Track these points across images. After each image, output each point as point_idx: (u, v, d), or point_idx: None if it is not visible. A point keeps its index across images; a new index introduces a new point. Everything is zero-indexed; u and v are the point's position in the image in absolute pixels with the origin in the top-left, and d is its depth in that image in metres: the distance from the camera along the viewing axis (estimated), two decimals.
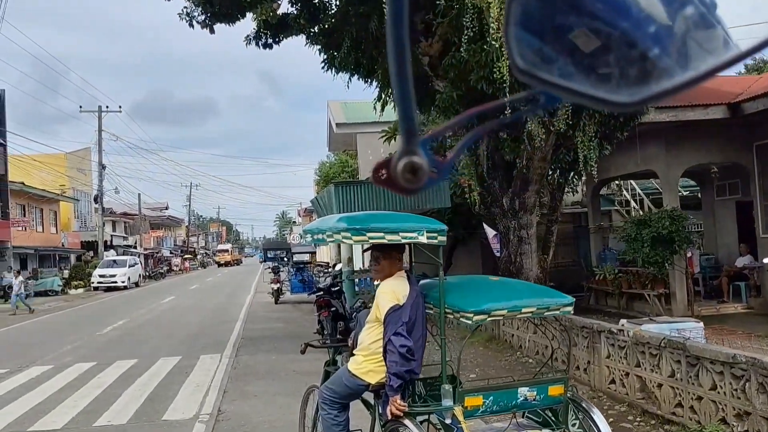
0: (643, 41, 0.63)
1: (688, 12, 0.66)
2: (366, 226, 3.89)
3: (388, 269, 4.08)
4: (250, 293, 27.48)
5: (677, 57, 0.64)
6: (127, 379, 9.61)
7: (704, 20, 0.67)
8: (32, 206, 38.06)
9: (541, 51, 0.65)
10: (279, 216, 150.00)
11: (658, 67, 0.63)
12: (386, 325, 3.82)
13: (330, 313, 11.20)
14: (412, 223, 4.05)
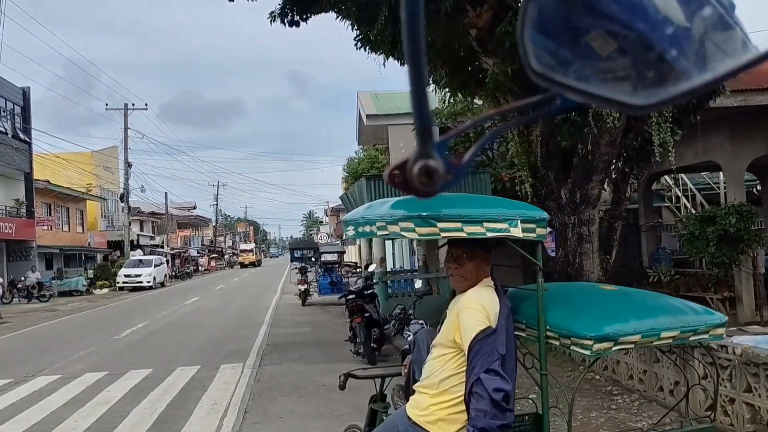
0: (660, 43, 0.63)
1: (705, 13, 0.66)
2: (436, 212, 2.71)
3: (474, 275, 2.88)
4: (277, 294, 26.50)
5: (695, 59, 0.64)
6: (138, 394, 8.56)
7: (722, 21, 0.67)
8: (58, 205, 37.63)
9: (557, 53, 0.64)
10: (306, 216, 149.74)
11: (676, 69, 0.62)
12: (473, 357, 2.63)
13: (363, 319, 10.09)
14: (501, 209, 2.86)
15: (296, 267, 23.48)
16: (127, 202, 41.26)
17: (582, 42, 0.64)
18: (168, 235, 56.41)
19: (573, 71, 0.63)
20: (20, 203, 31.60)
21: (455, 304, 2.88)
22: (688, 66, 0.62)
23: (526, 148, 9.74)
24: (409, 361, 3.43)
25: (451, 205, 2.79)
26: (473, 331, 2.66)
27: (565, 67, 0.63)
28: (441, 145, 0.62)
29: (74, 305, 25.83)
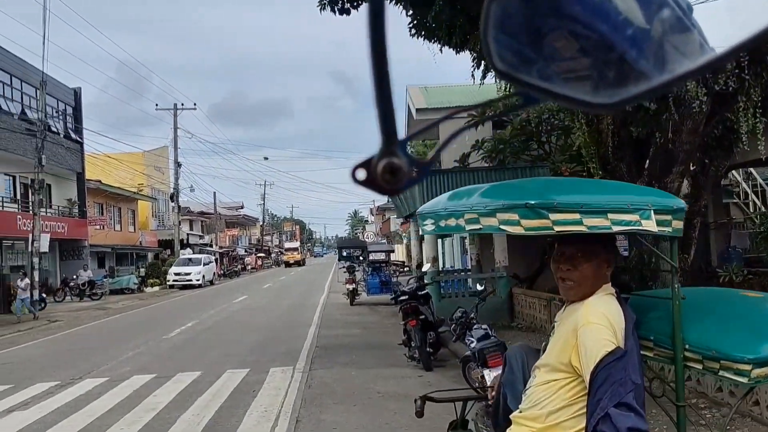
0: (620, 44, 0.64)
1: (664, 15, 0.67)
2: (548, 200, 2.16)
3: (591, 280, 2.31)
4: (324, 293, 26.19)
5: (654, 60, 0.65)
6: (186, 399, 8.21)
7: (681, 24, 0.69)
8: (110, 205, 38.21)
9: (521, 53, 0.64)
10: (351, 215, 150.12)
11: (636, 69, 0.63)
12: (599, 386, 2.06)
13: (419, 322, 9.54)
14: (630, 196, 2.27)
15: (344, 266, 23.11)
16: (177, 202, 41.68)
17: (545, 42, 0.65)
18: (216, 234, 56.97)
19: (536, 70, 0.64)
20: (72, 203, 32.12)
21: (569, 317, 2.31)
22: (647, 67, 0.64)
23: (595, 138, 9.03)
24: (498, 383, 2.87)
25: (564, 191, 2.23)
26: (598, 354, 2.09)
27: (529, 66, 0.64)
28: (404, 143, 0.63)
29: (125, 303, 26.03)
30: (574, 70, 0.65)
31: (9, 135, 24.34)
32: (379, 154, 0.62)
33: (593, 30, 0.63)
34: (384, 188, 0.63)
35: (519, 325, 13.27)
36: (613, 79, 0.64)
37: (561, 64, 0.65)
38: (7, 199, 27.02)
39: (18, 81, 27.20)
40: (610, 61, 0.64)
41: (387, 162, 0.62)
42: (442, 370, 9.51)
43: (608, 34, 0.63)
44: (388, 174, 0.62)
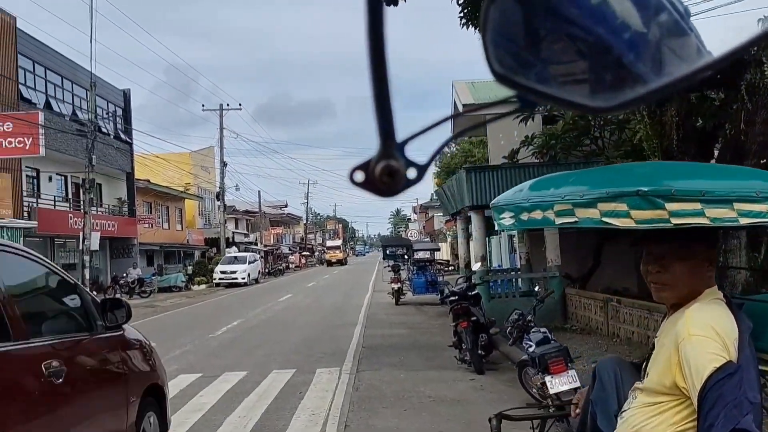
0: (618, 47, 0.64)
1: (662, 19, 0.68)
2: (663, 187, 1.80)
3: (687, 283, 1.93)
4: (368, 292, 25.99)
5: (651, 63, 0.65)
6: (232, 400, 8.05)
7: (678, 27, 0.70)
8: (158, 204, 38.83)
9: (519, 56, 0.64)
10: (393, 213, 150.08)
11: (633, 72, 0.64)
12: (709, 408, 1.71)
13: (470, 323, 9.18)
14: (757, 182, 1.89)
15: (388, 265, 22.84)
16: (222, 201, 42.13)
17: (543, 45, 0.65)
18: (261, 233, 57.48)
19: (534, 73, 0.64)
20: (122, 202, 32.71)
21: (669, 329, 1.95)
22: (644, 70, 0.64)
23: (658, 130, 8.53)
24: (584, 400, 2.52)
25: (681, 176, 1.87)
26: (705, 371, 1.74)
27: (526, 70, 0.64)
28: (403, 145, 0.63)
29: (173, 301, 26.33)
30: (572, 73, 0.66)
31: (61, 136, 24.83)
32: (377, 156, 0.62)
33: (591, 33, 0.64)
34: (382, 190, 0.64)
35: (573, 327, 12.77)
36: (610, 83, 0.64)
37: (559, 67, 0.65)
38: (59, 198, 27.64)
39: (69, 83, 27.78)
40: (608, 65, 0.64)
41: (385, 164, 0.62)
42: (494, 373, 9.15)
43: (606, 38, 0.64)
44: (386, 176, 0.62)
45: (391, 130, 0.62)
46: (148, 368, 5.24)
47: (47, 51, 26.23)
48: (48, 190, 26.62)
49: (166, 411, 5.54)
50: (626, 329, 10.82)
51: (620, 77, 0.64)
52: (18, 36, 23.38)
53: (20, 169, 22.66)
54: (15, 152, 19.60)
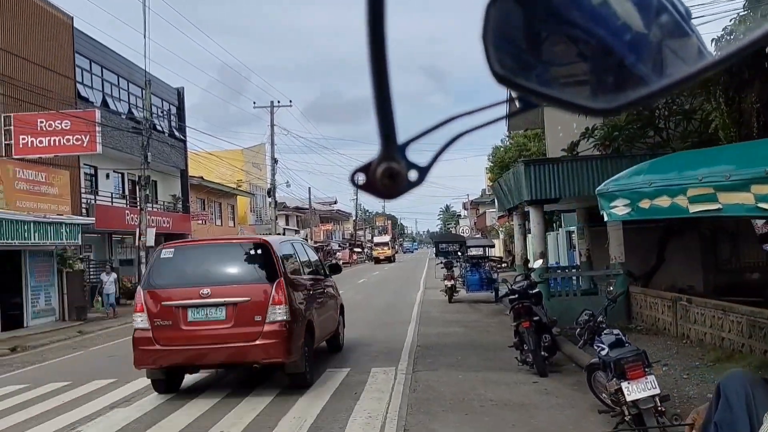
0: (619, 49, 0.64)
1: (663, 20, 0.68)
2: None
3: None
4: (420, 289, 25.64)
5: (653, 64, 0.65)
6: (287, 399, 7.83)
7: (679, 29, 0.69)
8: (211, 200, 39.34)
9: (520, 57, 0.65)
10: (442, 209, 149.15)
11: (635, 74, 0.64)
12: None
13: (532, 323, 8.74)
14: None
15: (441, 261, 22.43)
16: (273, 197, 42.40)
17: (544, 47, 0.65)
18: (311, 229, 57.77)
19: (535, 75, 0.64)
20: (177, 199, 33.21)
21: None
22: (646, 71, 0.64)
23: (736, 118, 7.94)
24: (700, 420, 2.13)
25: None
26: None
27: (528, 71, 0.64)
28: (404, 147, 0.63)
29: None
30: (573, 74, 0.65)
31: (117, 133, 25.29)
32: (378, 158, 0.63)
33: (592, 35, 0.63)
34: (383, 193, 0.64)
35: (638, 327, 12.17)
36: (611, 84, 0.64)
37: (560, 68, 0.65)
38: (116, 195, 28.20)
39: (125, 81, 28.28)
40: (609, 66, 0.64)
41: (386, 166, 0.62)
42: (558, 376, 8.70)
43: (607, 39, 0.63)
44: (387, 179, 0.62)
45: (393, 132, 0.62)
46: (339, 296, 11.74)
47: (103, 50, 26.75)
48: (105, 187, 27.18)
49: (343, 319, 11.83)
50: (698, 330, 10.20)
51: (622, 79, 0.64)
52: (75, 35, 23.88)
53: (78, 167, 23.15)
54: (73, 150, 19.97)
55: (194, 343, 7.96)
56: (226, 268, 8.47)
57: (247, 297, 8.01)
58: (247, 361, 8.10)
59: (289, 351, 7.92)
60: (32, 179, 17.50)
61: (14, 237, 16.07)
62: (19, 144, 19.19)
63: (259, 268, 8.31)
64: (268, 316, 7.85)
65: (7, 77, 18.75)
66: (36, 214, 17.11)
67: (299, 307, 8.48)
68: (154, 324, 8.04)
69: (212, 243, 10.34)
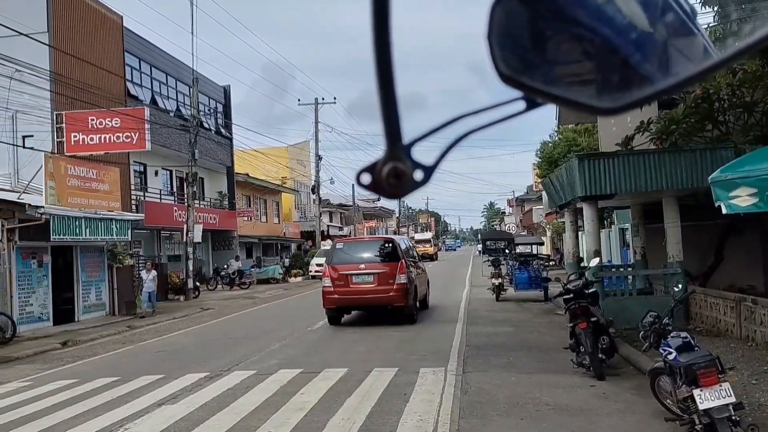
0: (624, 48, 0.64)
1: (668, 19, 0.68)
2: None
3: None
4: (465, 287, 25.26)
5: (658, 63, 0.65)
6: (335, 399, 7.65)
7: (684, 27, 0.69)
8: (256, 197, 39.66)
9: (525, 57, 0.64)
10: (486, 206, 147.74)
11: (640, 73, 0.64)
12: None
13: (589, 324, 8.37)
14: None
15: (488, 259, 22.01)
16: (318, 194, 42.50)
17: (548, 46, 0.65)
18: (355, 226, 57.78)
19: (540, 75, 0.64)
20: (223, 195, 33.55)
21: None
22: (651, 70, 0.64)
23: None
24: None
25: None
26: None
27: (533, 71, 0.64)
28: (410, 147, 0.63)
29: (271, 293, 26.65)
30: (578, 74, 0.65)
31: (166, 131, 25.62)
32: (384, 158, 0.63)
33: (597, 34, 0.63)
34: (389, 192, 0.64)
35: (697, 328, 11.62)
36: (617, 83, 0.64)
37: (565, 68, 0.65)
38: (165, 192, 28.61)
39: (173, 80, 28.65)
40: (614, 65, 0.63)
41: (392, 166, 0.62)
42: (616, 379, 8.31)
43: (612, 38, 0.63)
44: (393, 178, 0.63)
45: (398, 132, 0.62)
46: (426, 274, 17.47)
47: (152, 49, 27.14)
48: (154, 184, 27.60)
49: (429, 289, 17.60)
50: (764, 333, 9.64)
51: (627, 78, 0.63)
52: (125, 35, 24.26)
53: (128, 164, 23.52)
54: (123, 147, 20.27)
55: (355, 295, 14.20)
56: (373, 254, 14.74)
57: (385, 269, 14.08)
58: (383, 305, 14.00)
59: (407, 300, 13.95)
60: (83, 176, 17.79)
61: (66, 233, 16.35)
62: (71, 141, 19.56)
63: (390, 254, 14.52)
64: (396, 281, 13.85)
65: (60, 75, 19.12)
66: (87, 211, 17.38)
67: (411, 277, 14.49)
68: (334, 284, 14.15)
69: (364, 240, 19.07)
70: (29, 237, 15.91)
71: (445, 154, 0.68)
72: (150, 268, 19.65)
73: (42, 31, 19.30)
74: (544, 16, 0.65)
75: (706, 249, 14.69)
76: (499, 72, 0.62)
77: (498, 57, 0.62)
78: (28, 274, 16.25)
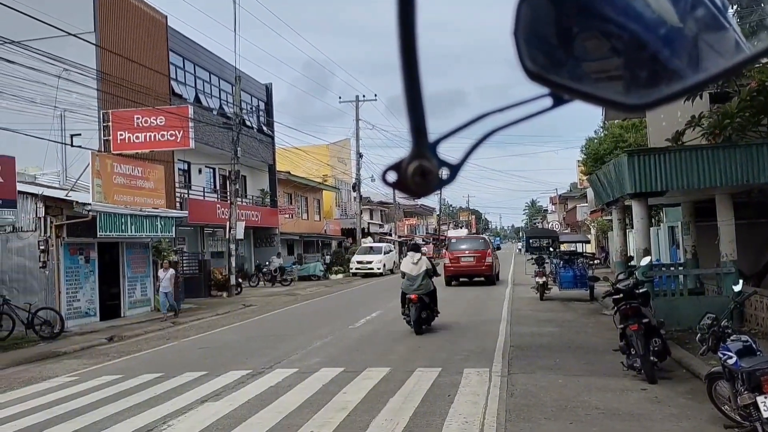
0: (653, 43, 0.63)
1: (698, 14, 0.66)
2: None
3: None
4: (508, 286, 24.90)
5: (688, 59, 0.64)
6: (377, 399, 7.53)
7: (716, 22, 0.67)
8: (298, 195, 39.89)
9: (551, 53, 0.64)
10: (528, 204, 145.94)
11: (669, 68, 0.63)
12: None
13: (641, 326, 8.06)
14: None
15: (532, 257, 21.62)
16: (358, 192, 42.50)
17: (575, 42, 0.64)
18: (395, 224, 57.67)
19: (567, 71, 0.64)
20: (265, 193, 33.80)
21: None
22: (681, 66, 0.63)
23: None
24: None
25: None
26: None
27: (559, 67, 0.63)
28: (435, 145, 0.63)
29: (312, 290, 26.72)
30: (606, 70, 0.64)
31: (210, 129, 25.89)
32: (410, 156, 0.62)
33: (624, 30, 0.62)
34: (414, 191, 0.63)
35: (752, 330, 11.12)
36: (645, 79, 0.63)
37: (592, 64, 0.64)
38: (208, 190, 28.95)
39: (216, 78, 28.95)
40: (642, 61, 0.63)
41: (418, 164, 0.62)
42: (669, 383, 7.98)
43: (640, 34, 0.62)
44: (419, 176, 0.62)
45: (424, 129, 0.61)
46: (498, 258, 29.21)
47: (196, 48, 27.46)
48: (198, 181, 27.95)
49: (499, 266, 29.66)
50: None
51: (656, 73, 0.62)
52: (169, 34, 24.59)
53: (173, 162, 23.84)
54: (167, 145, 20.52)
55: (463, 268, 25.35)
56: (472, 244, 26.00)
57: (480, 254, 24.99)
58: (478, 274, 25.19)
59: (492, 271, 25.34)
60: (129, 174, 18.08)
61: (112, 229, 16.64)
62: (117, 140, 19.91)
63: (483, 244, 25.89)
64: (485, 261, 24.93)
65: (107, 74, 19.47)
66: (133, 208, 17.66)
67: (493, 259, 25.59)
68: (450, 262, 25.30)
69: (467, 237, 31.99)
70: (77, 233, 16.24)
71: (471, 152, 0.67)
72: (167, 267, 17.87)
73: (89, 31, 19.68)
74: (571, 12, 0.63)
75: (761, 248, 14.11)
76: (525, 69, 0.61)
77: (524, 54, 0.61)
78: (76, 270, 16.59)
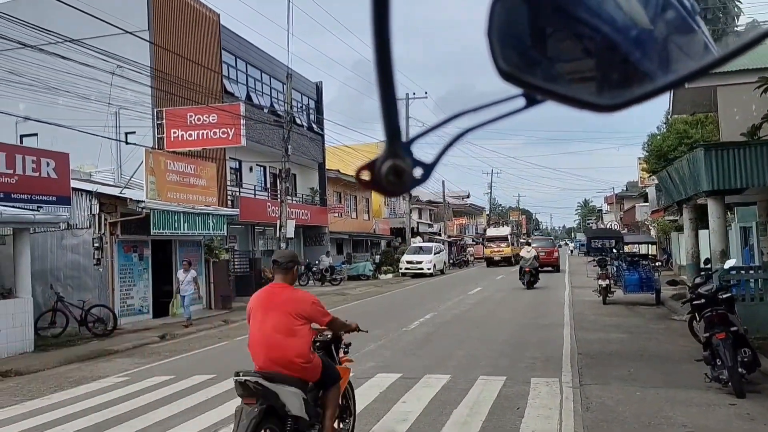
0: (624, 45, 0.63)
1: (668, 16, 0.67)
2: None
3: None
4: (566, 288, 24.00)
5: (658, 61, 0.64)
6: (440, 411, 7.00)
7: (685, 25, 0.68)
8: (347, 194, 39.61)
9: (525, 54, 0.64)
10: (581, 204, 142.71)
11: (640, 70, 0.63)
12: None
13: (728, 335, 7.31)
14: None
15: (593, 259, 20.72)
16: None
17: (549, 43, 0.64)
18: (445, 223, 56.92)
19: (540, 71, 0.64)
20: (314, 191, 33.61)
21: None
22: (651, 67, 0.63)
23: None
24: None
25: None
26: None
27: (533, 68, 0.63)
28: (409, 144, 0.63)
29: (362, 290, 26.34)
30: (579, 71, 0.64)
31: (260, 127, 25.77)
32: (384, 156, 0.63)
33: (597, 31, 0.62)
34: (388, 190, 0.64)
35: None
36: (617, 80, 0.63)
37: (565, 65, 0.64)
38: (259, 188, 28.88)
39: (267, 76, 28.86)
40: (614, 62, 0.63)
41: (392, 164, 0.62)
42: (758, 397, 7.23)
43: (612, 36, 0.62)
44: (393, 176, 0.62)
45: (398, 130, 0.62)
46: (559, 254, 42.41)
47: (247, 46, 27.40)
48: (249, 179, 27.89)
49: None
50: None
51: (627, 75, 0.63)
52: (221, 32, 24.55)
53: (224, 159, 23.78)
54: (219, 143, 20.40)
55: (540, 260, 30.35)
56: (545, 243, 41.57)
57: (550, 250, 38.33)
58: (549, 265, 36.11)
59: (559, 264, 38.04)
60: (182, 171, 17.99)
61: (166, 227, 16.55)
62: (171, 137, 19.88)
63: (551, 244, 42.54)
64: (553, 255, 37.90)
65: (160, 72, 19.46)
66: (185, 205, 17.56)
67: (558, 254, 39.65)
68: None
69: (543, 237, 58.24)
70: (131, 231, 16.20)
71: (445, 151, 0.68)
72: (187, 268, 16.09)
73: (143, 29, 19.71)
74: (545, 13, 0.63)
75: None
76: (499, 69, 0.61)
77: (498, 54, 0.61)
78: (129, 268, 16.56)
